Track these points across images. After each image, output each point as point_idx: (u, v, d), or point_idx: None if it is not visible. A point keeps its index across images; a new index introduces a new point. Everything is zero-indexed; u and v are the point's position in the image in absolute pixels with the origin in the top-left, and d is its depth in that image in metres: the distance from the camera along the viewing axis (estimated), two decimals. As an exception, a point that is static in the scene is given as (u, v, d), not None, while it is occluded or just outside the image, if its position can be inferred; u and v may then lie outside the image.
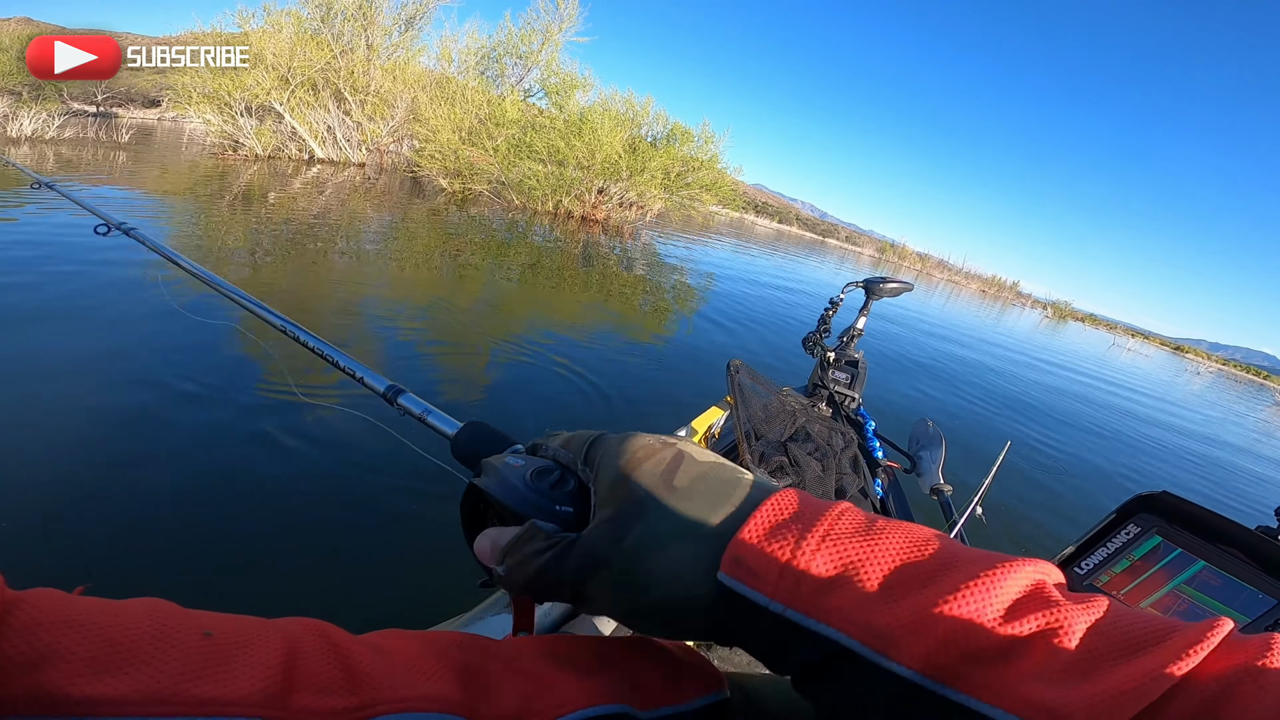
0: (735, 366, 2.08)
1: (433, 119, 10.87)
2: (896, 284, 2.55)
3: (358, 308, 4.12)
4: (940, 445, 2.29)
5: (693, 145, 13.96)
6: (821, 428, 2.04)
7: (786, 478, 1.72)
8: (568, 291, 6.43)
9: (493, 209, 10.84)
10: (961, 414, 6.08)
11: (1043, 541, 3.30)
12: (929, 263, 78.09)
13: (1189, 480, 6.21)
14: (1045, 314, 55.43)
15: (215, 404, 2.49)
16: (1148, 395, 14.24)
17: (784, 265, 17.51)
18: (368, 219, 7.13)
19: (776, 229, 60.86)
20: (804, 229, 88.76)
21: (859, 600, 0.21)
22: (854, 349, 2.64)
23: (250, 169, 8.69)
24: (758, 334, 6.96)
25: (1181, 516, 0.69)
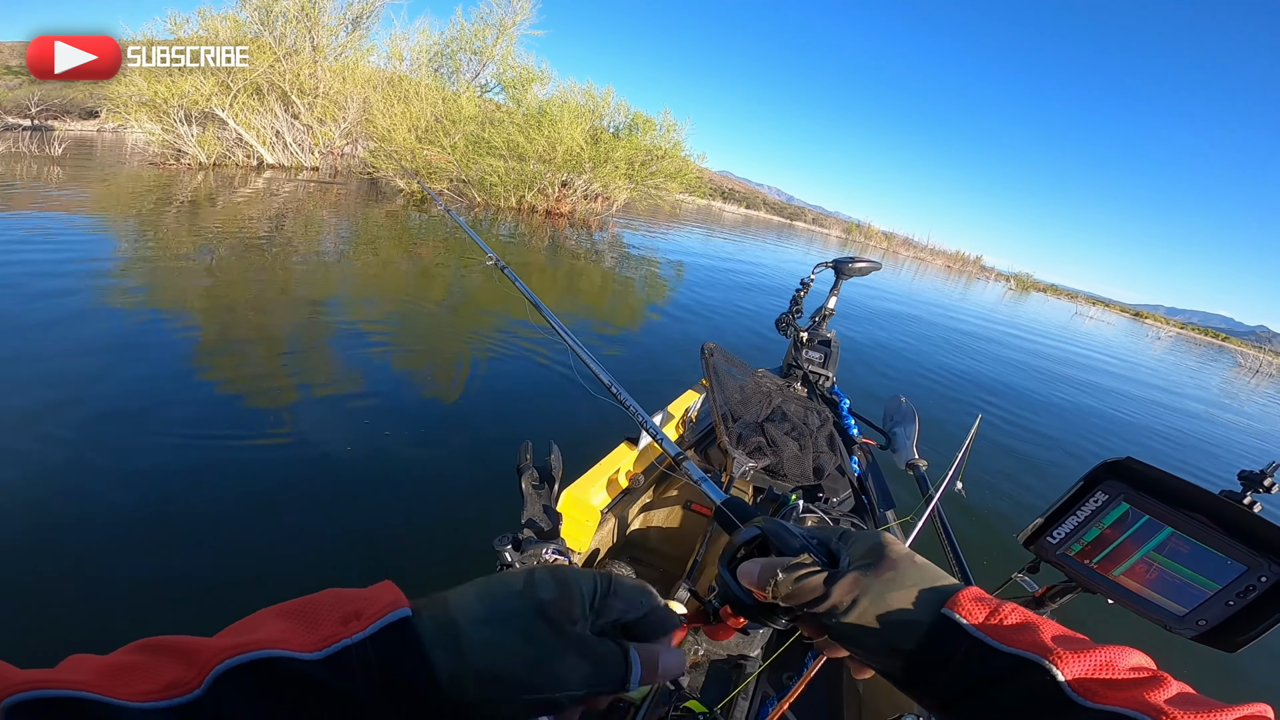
0: (709, 349, 2.09)
1: (386, 119, 10.60)
2: (865, 263, 2.59)
3: (324, 315, 3.99)
4: (914, 421, 2.28)
5: (655, 134, 13.91)
6: (797, 407, 2.06)
7: (765, 458, 1.70)
8: (536, 286, 6.30)
9: (454, 208, 10.64)
10: (933, 389, 6.18)
11: (1019, 511, 3.37)
12: (895, 241, 79.53)
13: (1158, 445, 6.41)
14: (1009, 286, 56.88)
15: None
16: (1113, 361, 14.73)
17: (753, 250, 17.62)
18: (325, 224, 6.92)
19: (744, 214, 61.27)
20: (771, 213, 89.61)
21: (1036, 638, 0.33)
22: (826, 328, 2.67)
23: (195, 178, 8.35)
24: (730, 318, 6.97)
25: (1147, 483, 0.68)
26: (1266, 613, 0.60)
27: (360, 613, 0.30)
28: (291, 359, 3.29)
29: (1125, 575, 0.69)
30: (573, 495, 1.40)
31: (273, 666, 0.27)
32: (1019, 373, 8.47)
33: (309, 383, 3.03)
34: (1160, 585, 0.67)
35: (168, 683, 0.25)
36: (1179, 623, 0.66)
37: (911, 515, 1.47)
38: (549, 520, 1.14)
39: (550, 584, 0.34)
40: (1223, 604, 0.63)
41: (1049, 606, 0.83)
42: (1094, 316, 44.79)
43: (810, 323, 2.68)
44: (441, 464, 2.56)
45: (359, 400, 2.94)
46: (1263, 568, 0.61)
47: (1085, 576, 0.72)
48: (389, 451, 2.54)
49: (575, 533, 1.38)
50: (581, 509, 1.39)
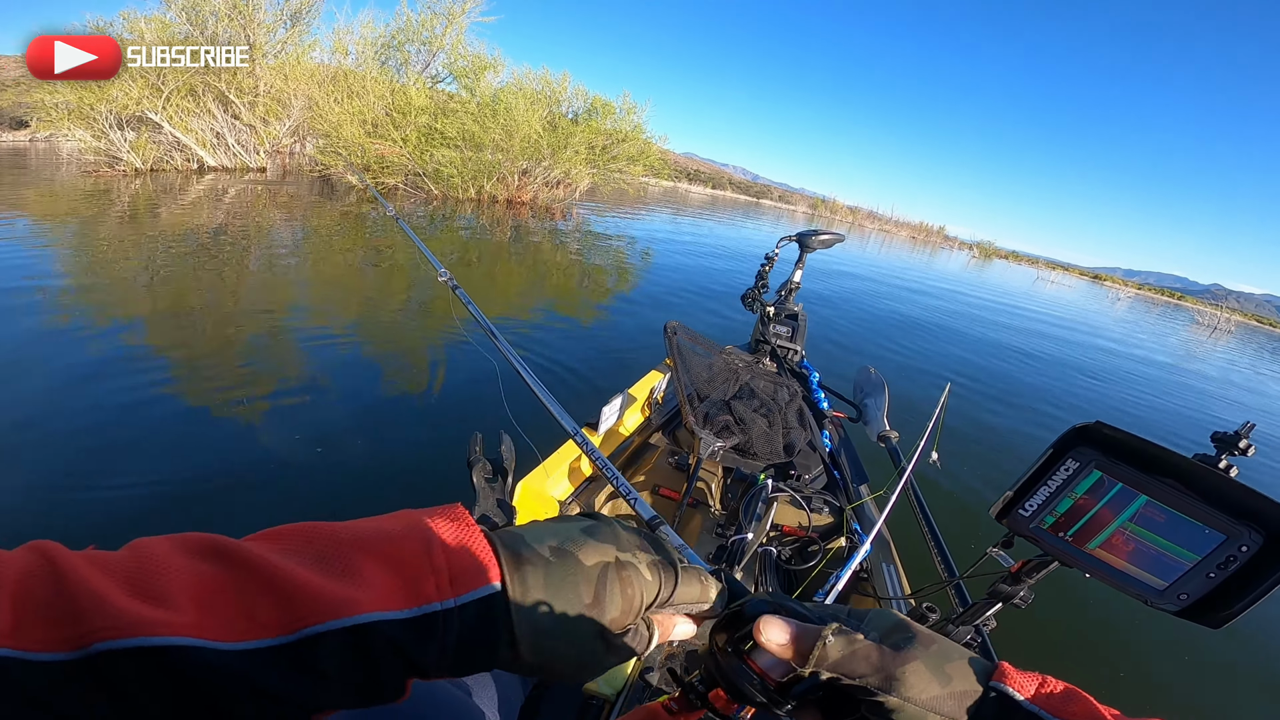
0: (672, 328, 2.04)
1: (332, 115, 10.23)
2: (829, 235, 2.58)
3: (282, 321, 3.81)
4: (884, 392, 2.26)
5: (615, 118, 13.77)
6: (766, 383, 2.03)
7: (733, 437, 1.66)
8: (501, 278, 6.20)
9: (411, 202, 10.36)
10: (902, 360, 6.24)
11: (994, 482, 3.39)
12: (860, 214, 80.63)
13: (1129, 408, 6.57)
14: (972, 254, 58.16)
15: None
16: (1078, 325, 15.15)
17: (720, 229, 17.63)
18: (276, 226, 6.65)
19: (711, 195, 61.35)
20: (737, 192, 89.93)
21: (1090, 708, 0.34)
22: (793, 302, 2.66)
23: (132, 184, 7.94)
24: (699, 299, 6.94)
25: (1118, 448, 0.65)
26: (1250, 585, 0.57)
27: (456, 577, 0.30)
28: (245, 364, 3.17)
29: (1102, 548, 0.65)
30: (529, 487, 1.32)
31: (368, 633, 0.27)
32: (987, 340, 8.63)
33: (258, 387, 2.92)
34: (1138, 558, 0.63)
35: (264, 625, 0.26)
36: (1159, 597, 0.62)
37: (885, 489, 1.44)
38: (503, 515, 1.09)
39: (618, 601, 0.35)
40: (1204, 576, 0.60)
41: (1026, 582, 0.78)
42: (1055, 281, 46.12)
43: (776, 297, 2.66)
44: (391, 462, 2.50)
45: (307, 401, 2.85)
46: (1242, 536, 0.58)
47: (1060, 550, 0.68)
48: (331, 453, 2.47)
49: None
50: (539, 501, 1.32)
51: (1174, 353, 14.06)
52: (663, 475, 1.72)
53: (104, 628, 0.22)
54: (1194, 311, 50.09)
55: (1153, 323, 24.81)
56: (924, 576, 1.38)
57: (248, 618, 0.25)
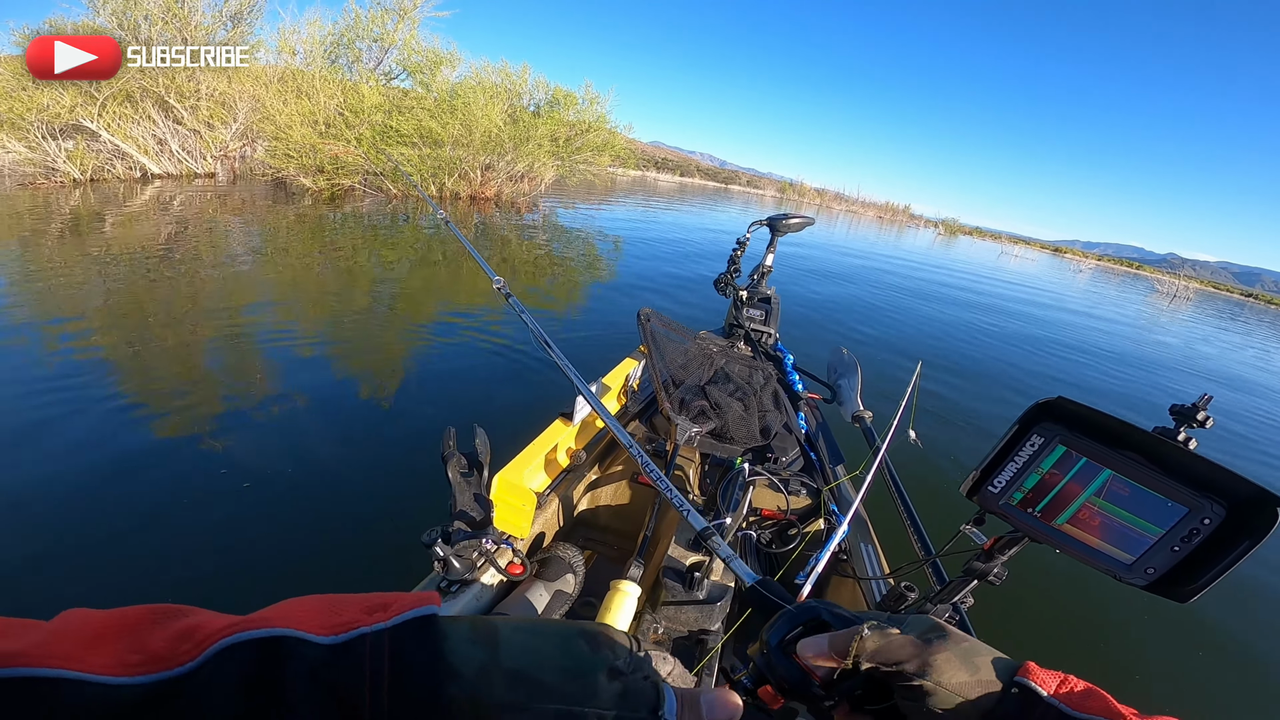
0: (646, 315, 2.03)
1: (280, 116, 9.91)
2: (799, 219, 2.60)
3: (244, 329, 3.70)
4: (856, 372, 2.29)
5: (578, 108, 13.63)
6: (741, 367, 2.04)
7: (709, 422, 1.67)
8: (468, 276, 6.10)
9: (370, 202, 10.13)
10: (875, 338, 6.33)
11: (968, 458, 3.45)
12: (827, 196, 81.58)
13: (1104, 380, 6.77)
14: (938, 232, 59.28)
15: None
16: (1045, 297, 15.55)
17: (690, 216, 17.64)
18: (231, 232, 6.42)
19: (679, 182, 61.43)
20: (706, 179, 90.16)
21: (1107, 705, 0.36)
22: (765, 285, 2.69)
23: (71, 196, 7.58)
24: (670, 286, 6.94)
25: (1081, 422, 0.66)
26: (1214, 558, 0.58)
27: (389, 605, 0.30)
28: (207, 374, 3.10)
29: (1070, 524, 0.66)
30: (505, 479, 1.30)
31: (276, 646, 0.27)
32: (959, 317, 8.81)
33: (222, 397, 2.86)
34: (1105, 532, 0.64)
35: (155, 654, 0.25)
36: (1128, 572, 0.62)
37: (860, 469, 1.44)
38: (480, 509, 1.09)
39: (594, 628, 0.35)
40: (1169, 550, 0.60)
41: (999, 559, 0.78)
42: (1018, 255, 47.31)
43: (749, 281, 2.69)
44: (364, 463, 2.49)
45: (273, 407, 2.80)
46: (1204, 509, 0.59)
47: (1030, 526, 0.69)
48: (304, 458, 2.44)
49: (513, 518, 1.30)
50: (516, 493, 1.30)
51: (1141, 321, 14.55)
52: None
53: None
54: (1153, 280, 51.92)
55: (1117, 293, 25.63)
56: (902, 555, 1.39)
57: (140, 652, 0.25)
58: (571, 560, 1.30)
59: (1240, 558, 0.56)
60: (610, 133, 14.05)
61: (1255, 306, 57.21)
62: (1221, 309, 31.38)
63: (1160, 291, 33.88)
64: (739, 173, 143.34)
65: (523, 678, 0.30)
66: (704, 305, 6.03)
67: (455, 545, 1.05)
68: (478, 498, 1.09)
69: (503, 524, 1.26)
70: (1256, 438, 5.48)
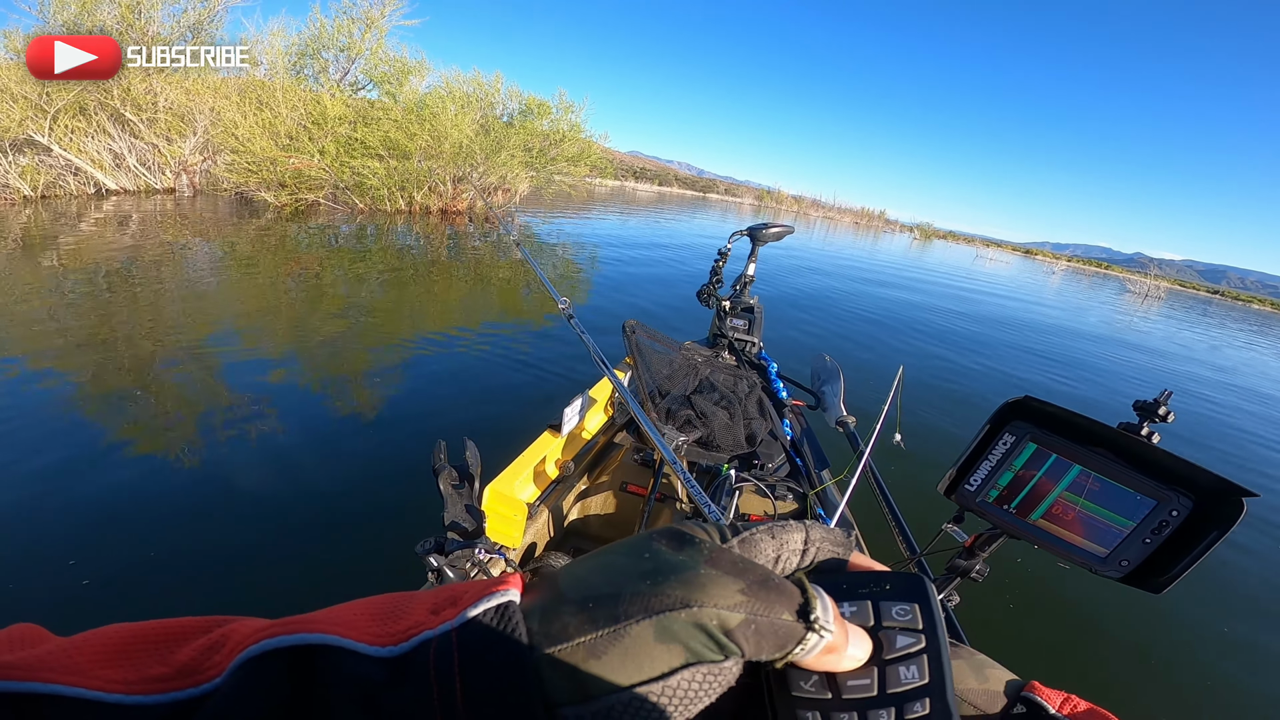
0: (631, 327, 2.09)
1: (240, 128, 9.78)
2: (779, 228, 2.68)
3: (210, 354, 3.62)
4: (839, 378, 2.35)
5: (552, 118, 13.68)
6: (726, 376, 2.11)
7: (696, 431, 1.71)
8: (440, 291, 6.07)
9: (335, 217, 10.01)
10: (858, 344, 6.44)
11: (951, 459, 3.53)
12: (804, 203, 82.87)
13: (1081, 378, 6.95)
14: (914, 236, 60.56)
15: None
16: (1023, 299, 15.94)
17: (670, 226, 17.76)
18: (192, 250, 6.29)
19: (658, 191, 61.85)
20: (684, 188, 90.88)
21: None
22: (748, 295, 2.75)
23: (22, 214, 7.39)
24: (654, 296, 6.98)
25: (1049, 420, 0.68)
26: (1184, 549, 0.60)
27: (459, 598, 0.25)
28: (180, 394, 3.06)
29: (1045, 519, 0.69)
30: (496, 490, 1.35)
31: (316, 659, 0.22)
32: (939, 321, 9.00)
33: (201, 416, 2.83)
34: (1079, 527, 0.66)
35: (182, 666, 0.22)
36: (1102, 564, 0.65)
37: (845, 473, 1.49)
38: (472, 520, 1.11)
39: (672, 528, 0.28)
40: (1140, 542, 0.63)
41: (980, 555, 0.82)
42: (992, 258, 48.52)
43: (732, 291, 2.75)
44: (354, 479, 2.50)
45: (256, 428, 2.79)
46: (1171, 501, 0.61)
47: (1007, 522, 0.71)
48: (295, 477, 2.45)
49: (504, 529, 1.34)
50: (507, 504, 1.34)
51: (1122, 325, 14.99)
52: (629, 473, 1.75)
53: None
54: (1124, 280, 53.57)
55: (1090, 293, 26.39)
56: (888, 556, 1.44)
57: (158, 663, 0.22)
58: None
59: (1209, 547, 0.58)
60: (585, 142, 14.11)
61: (1222, 303, 59.29)
62: (1192, 306, 32.47)
63: (1133, 291, 34.96)
64: (717, 181, 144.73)
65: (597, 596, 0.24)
66: (689, 315, 6.09)
67: (449, 555, 1.07)
68: (469, 509, 1.11)
69: (495, 534, 1.29)
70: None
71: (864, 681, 0.27)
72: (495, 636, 0.23)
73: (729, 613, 0.23)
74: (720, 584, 0.24)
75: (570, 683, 0.23)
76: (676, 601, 0.23)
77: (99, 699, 0.20)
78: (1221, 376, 9.21)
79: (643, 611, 0.23)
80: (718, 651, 0.23)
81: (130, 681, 0.21)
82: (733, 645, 0.23)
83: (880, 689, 0.26)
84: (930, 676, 0.26)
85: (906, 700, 0.26)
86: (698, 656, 0.23)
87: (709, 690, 0.24)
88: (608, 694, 0.22)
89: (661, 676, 0.23)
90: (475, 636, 0.23)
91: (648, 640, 0.23)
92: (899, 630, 0.28)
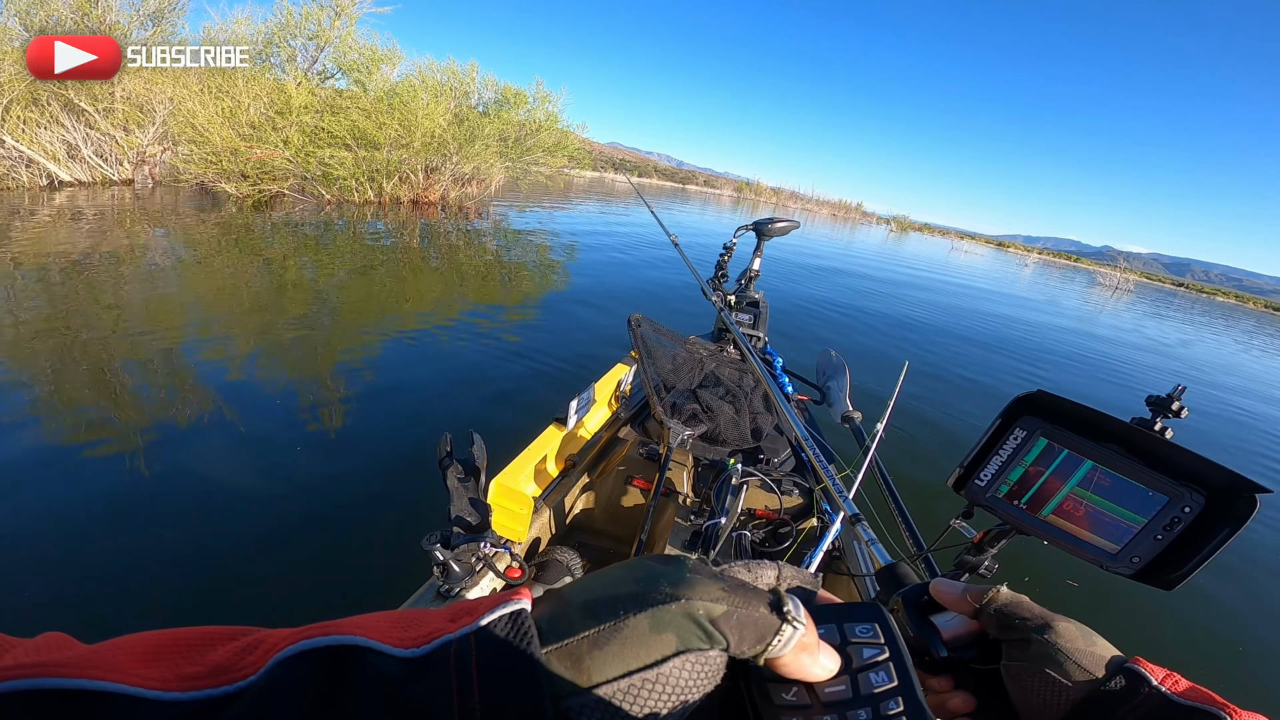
0: (636, 320, 2.08)
1: (198, 118, 9.46)
2: (785, 223, 2.71)
3: (176, 353, 3.49)
4: (845, 373, 2.36)
5: (528, 107, 13.51)
6: (731, 371, 2.10)
7: (701, 425, 1.72)
8: (412, 288, 5.93)
9: (301, 209, 9.73)
10: (862, 339, 6.51)
11: (956, 453, 3.55)
12: (783, 195, 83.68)
13: (1079, 372, 7.11)
14: (890, 229, 61.48)
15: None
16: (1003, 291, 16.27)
17: (649, 217, 17.72)
18: (152, 244, 6.07)
19: (637, 183, 61.75)
20: (664, 179, 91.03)
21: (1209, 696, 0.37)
22: (753, 290, 2.80)
23: (-32, 208, 7.08)
24: (642, 290, 6.94)
25: (1060, 415, 0.68)
26: (1196, 546, 0.60)
27: (474, 609, 0.28)
28: (155, 398, 2.96)
29: (1055, 515, 0.68)
30: (502, 484, 1.33)
31: (345, 657, 0.25)
32: (933, 314, 9.15)
33: (178, 420, 2.74)
34: (1090, 523, 0.66)
35: (217, 665, 0.24)
36: (1114, 561, 0.65)
37: (851, 468, 1.49)
38: (477, 514, 1.11)
39: (661, 556, 0.32)
40: (1152, 539, 0.62)
41: (989, 552, 0.81)
42: (967, 250, 49.57)
43: (737, 286, 2.77)
44: (358, 475, 2.49)
45: (249, 427, 2.73)
46: (1184, 498, 0.61)
47: (1016, 518, 0.71)
48: (297, 473, 2.44)
49: (509, 523, 1.33)
50: (513, 498, 1.33)
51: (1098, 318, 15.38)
52: (634, 467, 1.75)
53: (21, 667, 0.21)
54: (1094, 273, 55.21)
55: (1061, 286, 27.08)
56: (895, 551, 1.43)
57: (197, 662, 0.24)
58: (569, 563, 1.33)
59: (1222, 545, 0.58)
60: (562, 132, 13.98)
61: (1187, 295, 61.33)
62: (1159, 299, 33.52)
63: (1103, 284, 35.98)
64: (696, 173, 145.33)
65: (604, 599, 0.28)
66: (690, 310, 6.10)
67: (454, 550, 1.07)
68: (475, 502, 1.11)
69: (500, 528, 1.29)
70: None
71: (839, 688, 0.31)
72: (509, 638, 0.26)
73: (714, 604, 0.27)
74: (705, 584, 0.28)
75: (575, 673, 0.26)
76: (668, 596, 0.27)
77: (139, 694, 0.22)
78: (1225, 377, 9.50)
79: (639, 606, 0.27)
80: (705, 640, 0.27)
81: (166, 679, 0.23)
82: (719, 635, 0.27)
83: (854, 693, 0.30)
84: (899, 680, 0.31)
85: (881, 700, 0.30)
86: (687, 645, 0.27)
87: (697, 680, 0.27)
88: (608, 681, 0.26)
89: (656, 663, 0.26)
90: (491, 638, 0.26)
91: (644, 630, 0.26)
92: (864, 644, 0.32)
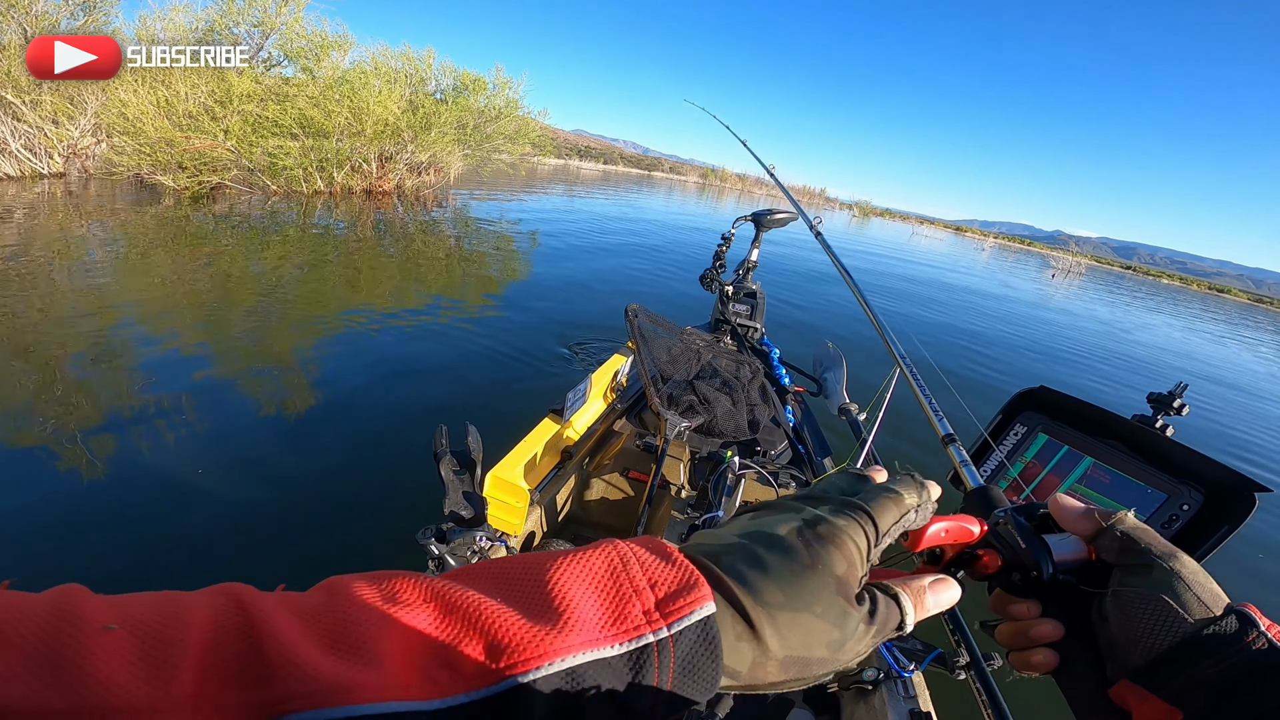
0: (633, 311, 2.04)
1: (130, 108, 8.90)
2: (784, 214, 2.68)
3: (116, 355, 3.26)
4: (842, 365, 2.33)
5: (488, 94, 13.17)
6: (728, 361, 2.06)
7: (698, 416, 1.67)
8: (368, 281, 5.67)
9: (245, 201, 9.27)
10: (852, 330, 6.50)
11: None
12: (748, 181, 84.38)
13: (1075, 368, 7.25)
14: (853, 214, 62.58)
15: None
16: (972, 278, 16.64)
17: (616, 205, 17.62)
18: (87, 240, 5.66)
19: (603, 170, 61.72)
20: (629, 166, 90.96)
21: None
22: (751, 280, 2.78)
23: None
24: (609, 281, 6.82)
25: (1061, 411, 0.69)
26: (1194, 543, 0.59)
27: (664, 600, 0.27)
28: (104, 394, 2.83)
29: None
30: (497, 477, 1.31)
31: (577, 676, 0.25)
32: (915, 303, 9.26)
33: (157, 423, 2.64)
34: None
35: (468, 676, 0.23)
36: None
37: (848, 461, 1.49)
38: (473, 507, 1.09)
39: (832, 550, 0.31)
40: None
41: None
42: (927, 235, 50.91)
43: (734, 276, 2.77)
44: (345, 469, 2.45)
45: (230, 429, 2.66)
46: (1183, 495, 0.61)
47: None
48: (280, 471, 2.40)
49: (505, 516, 1.32)
50: (508, 491, 1.32)
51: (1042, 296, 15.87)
52: (630, 458, 1.75)
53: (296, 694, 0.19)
54: (1047, 257, 57.26)
55: (1018, 269, 28.01)
56: (891, 548, 1.36)
57: (451, 669, 0.23)
58: None
59: (1220, 542, 0.57)
60: (523, 119, 13.69)
61: (1135, 278, 64.11)
62: (1108, 282, 34.92)
63: (1056, 268, 37.29)
64: (662, 160, 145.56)
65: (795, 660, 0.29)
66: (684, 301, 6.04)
67: (450, 543, 1.06)
68: (471, 495, 1.10)
69: (496, 521, 1.31)
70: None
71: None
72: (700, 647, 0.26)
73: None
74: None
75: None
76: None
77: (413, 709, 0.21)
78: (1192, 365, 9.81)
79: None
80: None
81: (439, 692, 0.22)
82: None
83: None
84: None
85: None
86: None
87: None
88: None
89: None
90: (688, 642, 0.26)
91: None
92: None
